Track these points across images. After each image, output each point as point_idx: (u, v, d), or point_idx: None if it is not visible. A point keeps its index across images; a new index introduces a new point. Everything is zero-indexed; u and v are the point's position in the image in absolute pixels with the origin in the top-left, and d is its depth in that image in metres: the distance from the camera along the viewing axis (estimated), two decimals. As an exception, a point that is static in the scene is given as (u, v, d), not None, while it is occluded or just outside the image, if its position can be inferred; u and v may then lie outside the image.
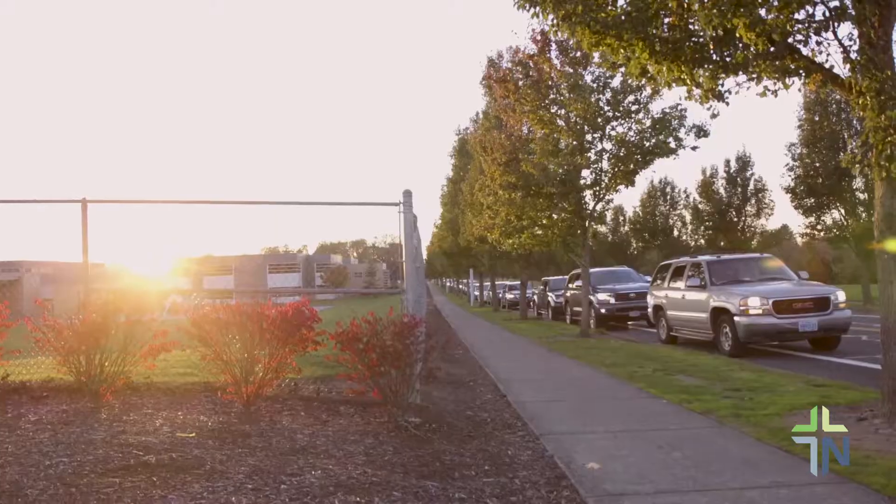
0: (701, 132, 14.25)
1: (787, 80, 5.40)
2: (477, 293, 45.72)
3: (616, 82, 14.94)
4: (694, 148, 14.37)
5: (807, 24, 5.22)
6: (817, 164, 26.42)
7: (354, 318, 5.38)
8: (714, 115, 5.88)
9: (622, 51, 5.81)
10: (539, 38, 15.00)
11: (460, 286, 72.61)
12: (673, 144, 14.36)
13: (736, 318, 11.01)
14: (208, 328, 5.50)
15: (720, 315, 11.55)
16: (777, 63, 5.28)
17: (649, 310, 14.94)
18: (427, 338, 5.76)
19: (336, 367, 7.49)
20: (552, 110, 15.61)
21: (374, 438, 4.95)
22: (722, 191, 39.93)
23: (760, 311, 10.83)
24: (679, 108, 14.50)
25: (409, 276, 6.35)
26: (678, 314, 13.19)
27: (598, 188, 15.63)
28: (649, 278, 25.08)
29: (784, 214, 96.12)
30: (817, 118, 26.18)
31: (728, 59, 5.43)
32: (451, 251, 38.80)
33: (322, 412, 5.83)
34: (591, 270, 20.45)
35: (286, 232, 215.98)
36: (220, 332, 5.50)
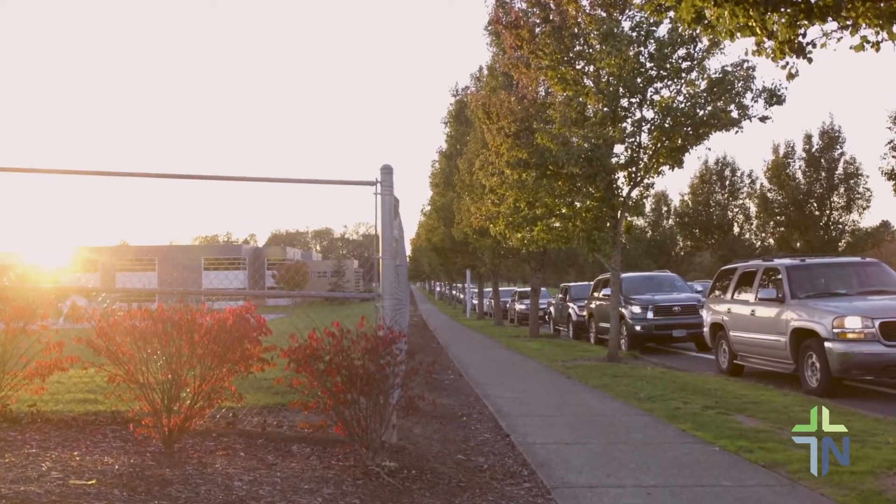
0: (773, 98, 14.21)
1: (894, 27, 5.31)
2: (475, 301, 45.73)
3: (662, 31, 14.93)
4: (763, 119, 14.35)
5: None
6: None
7: (314, 330, 5.34)
8: (792, 76, 5.74)
9: (671, -12, 5.75)
10: (564, -29, 14.95)
11: (454, 292, 72.63)
12: (735, 114, 14.32)
13: (827, 345, 10.65)
14: (120, 340, 5.43)
15: (805, 339, 11.21)
16: (881, 5, 5.19)
17: (705, 329, 14.86)
18: (408, 357, 5.72)
19: (288, 394, 7.47)
20: (577, 66, 15.53)
21: (336, 487, 4.90)
22: (800, 175, 39.92)
23: (862, 336, 10.41)
24: (745, 65, 14.46)
25: (386, 277, 6.31)
26: (745, 336, 13.05)
27: (634, 169, 15.62)
28: (699, 287, 25.27)
29: (885, 207, 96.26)
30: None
31: (813, 1, 5.37)
32: (442, 246, 38.80)
33: (268, 452, 5.78)
34: (624, 276, 20.43)
35: (228, 217, 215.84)
36: (136, 346, 5.44)
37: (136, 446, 5.67)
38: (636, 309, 19.19)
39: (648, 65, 14.92)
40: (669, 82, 15.08)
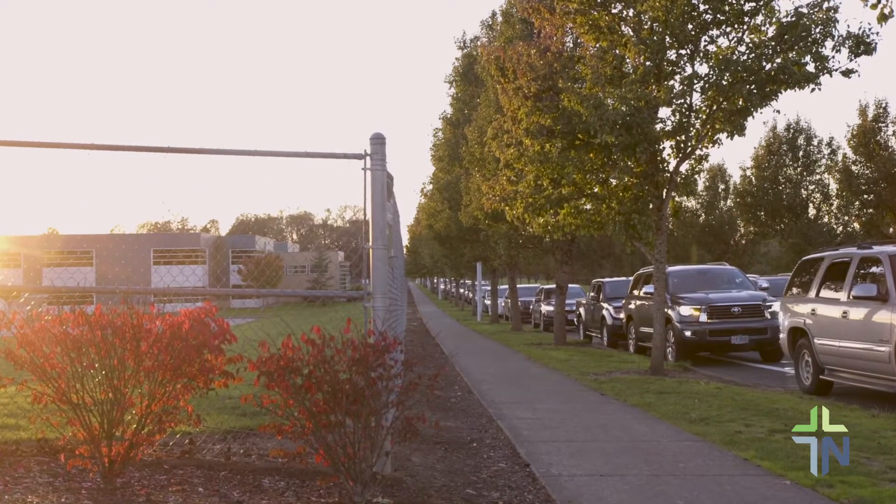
0: (860, 46, 14.07)
1: None
2: (488, 301, 45.77)
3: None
4: (848, 73, 14.24)
5: None
6: None
7: (290, 337, 5.34)
8: (884, 17, 5.68)
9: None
10: None
11: (461, 290, 72.73)
12: (812, 67, 14.22)
13: None
14: (48, 351, 5.44)
15: None
16: None
17: (781, 335, 14.69)
18: (406, 370, 5.71)
19: (258, 416, 7.47)
20: (614, 10, 15.45)
21: (317, 532, 4.91)
22: (894, 143, 39.68)
23: None
24: (825, 6, 14.35)
25: (378, 272, 6.32)
26: (835, 345, 12.68)
27: (683, 137, 15.56)
28: (764, 283, 25.14)
29: None
30: None
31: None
32: (447, 234, 38.81)
33: (233, 487, 5.79)
34: (671, 269, 20.38)
35: (184, 199, 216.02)
36: (69, 358, 5.44)
37: (69, 482, 5.67)
38: (686, 310, 19.17)
39: (702, 7, 14.83)
40: (728, 29, 14.99)
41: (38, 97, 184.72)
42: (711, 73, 14.98)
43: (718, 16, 14.80)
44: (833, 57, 14.22)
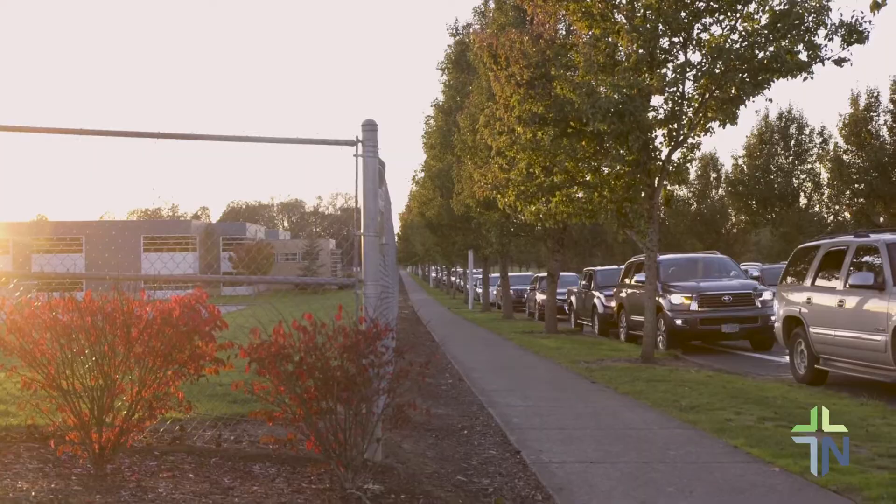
0: (853, 35, 14.08)
1: None
2: (480, 289, 45.82)
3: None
4: (840, 61, 14.26)
5: None
6: None
7: (281, 324, 5.33)
8: (877, 5, 5.66)
9: None
10: None
11: (453, 278, 72.77)
12: (804, 55, 14.24)
13: None
14: (38, 337, 5.42)
15: None
16: None
17: (776, 324, 14.67)
18: (397, 357, 5.71)
19: (249, 402, 7.46)
20: (607, -3, 15.45)
21: (307, 518, 4.92)
22: (885, 132, 39.72)
23: None
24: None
25: (369, 259, 6.31)
26: (831, 334, 12.63)
27: (676, 126, 15.57)
28: (755, 271, 25.22)
29: None
30: None
31: None
32: (438, 222, 38.85)
33: (224, 473, 5.80)
34: (663, 258, 20.42)
35: (174, 186, 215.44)
36: (59, 344, 5.42)
37: (59, 468, 5.67)
38: (677, 298, 19.20)
39: (695, -5, 14.84)
40: (721, 17, 14.99)
41: (26, 82, 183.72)
42: (704, 61, 15.00)
43: (711, 3, 14.81)
44: (825, 45, 14.27)
